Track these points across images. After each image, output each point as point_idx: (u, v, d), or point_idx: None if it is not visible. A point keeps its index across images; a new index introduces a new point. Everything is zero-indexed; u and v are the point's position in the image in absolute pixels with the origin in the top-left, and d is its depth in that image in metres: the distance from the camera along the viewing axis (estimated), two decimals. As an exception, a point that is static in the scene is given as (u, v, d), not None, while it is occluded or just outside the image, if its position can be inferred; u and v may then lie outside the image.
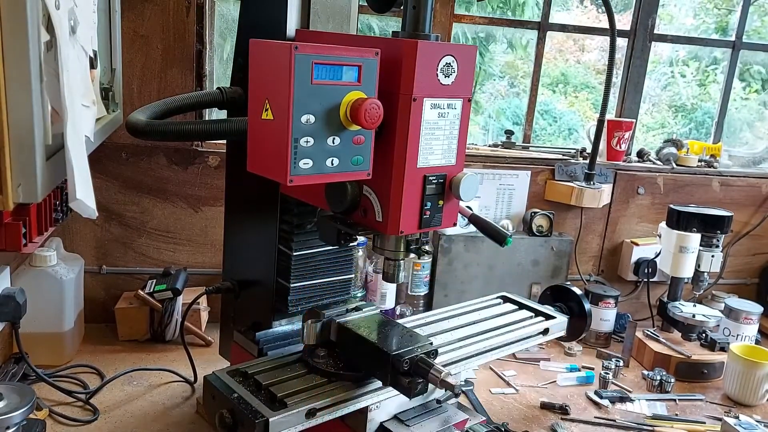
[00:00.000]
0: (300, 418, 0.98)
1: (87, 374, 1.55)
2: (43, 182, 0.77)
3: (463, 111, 1.01)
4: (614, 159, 2.17)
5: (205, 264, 1.88)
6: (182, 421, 1.41)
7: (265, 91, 0.90)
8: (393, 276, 1.10)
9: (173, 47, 1.73)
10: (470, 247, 1.93)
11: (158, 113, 1.11)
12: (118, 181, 1.78)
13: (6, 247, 0.81)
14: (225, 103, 1.20)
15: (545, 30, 2.12)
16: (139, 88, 1.73)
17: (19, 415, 1.04)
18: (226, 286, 1.37)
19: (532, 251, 1.99)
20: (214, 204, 1.83)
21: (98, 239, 1.81)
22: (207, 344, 1.75)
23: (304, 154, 0.88)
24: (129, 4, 1.65)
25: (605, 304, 1.93)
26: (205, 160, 1.81)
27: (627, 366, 1.85)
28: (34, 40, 0.72)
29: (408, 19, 1.01)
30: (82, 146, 0.85)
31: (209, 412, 1.06)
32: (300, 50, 0.84)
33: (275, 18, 1.14)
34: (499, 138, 2.27)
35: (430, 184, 0.99)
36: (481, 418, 1.25)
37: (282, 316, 1.28)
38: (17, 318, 1.29)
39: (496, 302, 1.50)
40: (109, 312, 1.75)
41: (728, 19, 4.45)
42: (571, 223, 2.10)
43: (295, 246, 1.21)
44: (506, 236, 1.22)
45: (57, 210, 0.93)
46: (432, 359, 1.04)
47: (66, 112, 0.79)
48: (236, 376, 1.06)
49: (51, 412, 1.36)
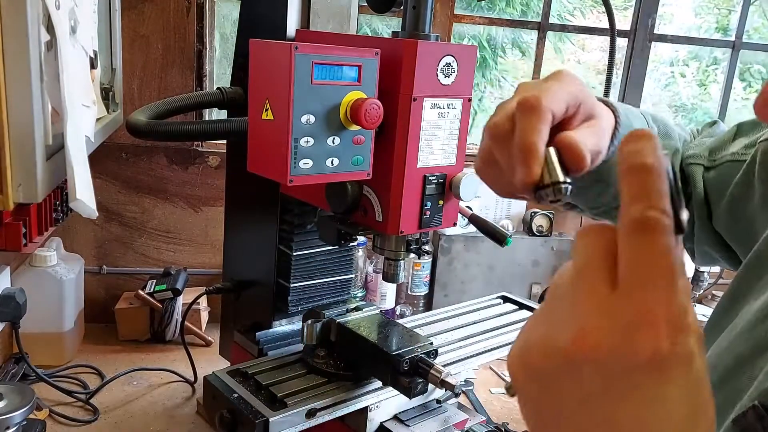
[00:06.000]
0: (300, 418, 0.98)
1: (87, 374, 1.55)
2: (43, 182, 0.77)
3: (463, 111, 1.01)
4: (614, 159, 2.17)
5: (205, 264, 1.88)
6: (182, 421, 1.41)
7: (265, 91, 0.90)
8: (393, 276, 1.09)
9: (173, 47, 1.73)
10: (470, 247, 1.93)
11: (158, 113, 1.11)
12: (118, 181, 1.78)
13: (6, 247, 0.81)
14: (225, 103, 1.20)
15: (545, 30, 2.12)
16: (139, 88, 1.73)
17: (19, 415, 1.04)
18: (227, 286, 1.37)
19: (532, 251, 1.99)
20: (214, 204, 1.83)
21: (98, 239, 1.81)
22: (207, 344, 1.75)
23: (304, 154, 0.88)
24: (129, 4, 1.65)
25: (605, 304, 1.93)
26: (205, 160, 1.81)
27: (627, 366, 1.85)
28: (34, 40, 0.72)
29: (408, 19, 1.01)
30: (82, 146, 0.85)
31: (209, 412, 1.07)
32: (300, 50, 0.84)
33: (275, 18, 1.14)
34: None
35: (430, 184, 0.99)
36: (481, 418, 1.25)
37: (282, 316, 1.28)
38: (17, 318, 1.29)
39: (496, 302, 1.50)
40: (109, 312, 1.75)
41: (728, 19, 4.45)
42: (571, 223, 2.10)
43: (295, 246, 1.21)
44: (506, 236, 1.22)
45: (57, 210, 0.93)
46: (432, 359, 1.04)
47: (66, 112, 0.79)
48: (236, 376, 1.06)
49: (51, 412, 1.36)
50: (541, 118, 0.47)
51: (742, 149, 0.67)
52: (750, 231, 0.63)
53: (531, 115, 0.47)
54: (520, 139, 0.47)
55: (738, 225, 0.66)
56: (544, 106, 0.47)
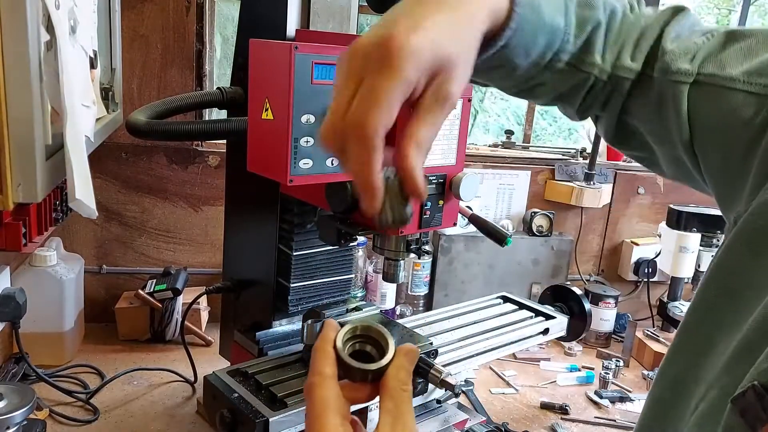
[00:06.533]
0: (300, 418, 0.98)
1: (87, 374, 1.55)
2: (43, 182, 0.77)
3: (463, 111, 1.01)
4: (614, 159, 2.17)
5: (205, 264, 1.88)
6: (182, 421, 1.41)
7: (265, 91, 0.90)
8: (393, 276, 1.09)
9: (173, 47, 1.73)
10: (470, 247, 1.93)
11: (158, 113, 1.11)
12: (118, 181, 1.78)
13: (6, 247, 0.81)
14: (225, 103, 1.20)
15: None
16: (139, 88, 1.73)
17: (20, 415, 1.04)
18: (227, 286, 1.37)
19: (532, 251, 1.99)
20: (214, 204, 1.83)
21: (98, 239, 1.81)
22: (207, 344, 1.75)
23: (304, 154, 0.88)
24: (129, 4, 1.65)
25: (605, 304, 1.93)
26: (205, 160, 1.81)
27: (627, 366, 1.85)
28: (34, 40, 0.72)
29: (408, 19, 1.00)
30: (82, 146, 0.85)
31: (209, 412, 1.07)
32: (300, 50, 0.84)
33: (275, 18, 1.14)
34: (500, 138, 2.28)
35: (430, 184, 0.99)
36: (481, 418, 1.25)
37: (282, 316, 1.28)
38: (17, 318, 1.29)
39: (496, 302, 1.50)
40: (109, 312, 1.75)
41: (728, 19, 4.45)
42: (571, 222, 2.10)
43: (295, 246, 1.21)
44: (506, 236, 1.22)
45: (57, 210, 0.93)
46: (432, 359, 1.04)
47: (66, 112, 0.79)
48: (236, 376, 1.06)
49: (51, 412, 1.36)
50: (372, 150, 0.46)
51: (743, 75, 0.54)
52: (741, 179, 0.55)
53: (360, 147, 0.46)
54: (355, 174, 0.47)
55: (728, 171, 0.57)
56: (372, 135, 0.45)
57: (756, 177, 0.53)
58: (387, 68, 0.45)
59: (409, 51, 0.44)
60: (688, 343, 0.57)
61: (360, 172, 0.47)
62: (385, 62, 0.45)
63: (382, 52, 0.45)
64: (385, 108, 0.45)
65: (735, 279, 0.53)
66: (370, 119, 0.45)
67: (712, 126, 0.56)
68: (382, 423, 0.50)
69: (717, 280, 0.56)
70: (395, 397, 0.51)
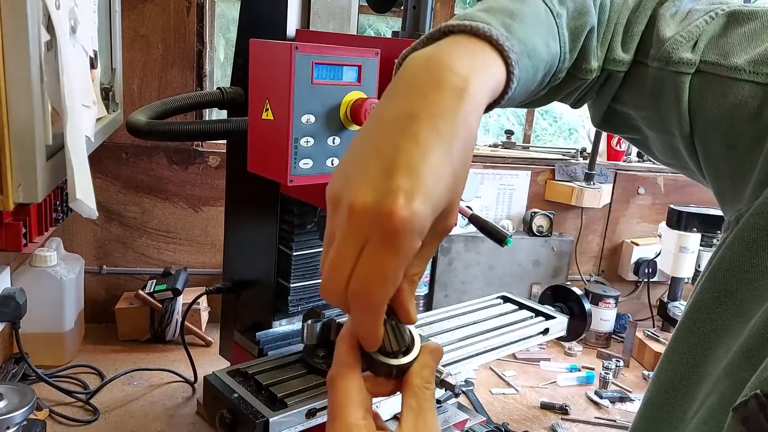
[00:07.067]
0: (300, 418, 0.98)
1: (87, 374, 1.55)
2: (43, 182, 0.77)
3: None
4: (614, 159, 2.18)
5: (205, 264, 1.88)
6: (182, 421, 1.41)
7: (265, 91, 0.90)
8: (393, 276, 1.09)
9: (173, 47, 1.73)
10: (470, 247, 1.93)
11: (159, 113, 1.11)
12: (118, 181, 1.78)
13: (6, 247, 0.81)
14: (225, 103, 1.20)
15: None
16: (139, 88, 1.73)
17: (20, 416, 1.04)
18: (227, 286, 1.37)
19: (533, 251, 1.99)
20: (214, 204, 1.83)
21: (98, 239, 1.81)
22: (207, 344, 1.75)
23: (304, 154, 0.88)
24: (129, 4, 1.65)
25: (605, 304, 1.93)
26: (205, 160, 1.81)
27: (627, 366, 1.85)
28: (34, 40, 0.72)
29: (408, 19, 1.01)
30: (82, 146, 0.85)
31: (209, 412, 1.06)
32: (300, 50, 0.84)
33: (275, 18, 1.14)
34: (500, 138, 2.28)
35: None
36: (481, 418, 1.25)
37: (282, 316, 1.28)
38: (17, 318, 1.29)
39: (496, 302, 1.50)
40: (109, 312, 1.75)
41: None
42: (571, 223, 2.10)
43: (295, 246, 1.21)
44: (506, 236, 1.22)
45: (57, 210, 0.93)
46: (432, 359, 1.04)
47: (66, 112, 0.79)
48: (236, 376, 1.06)
49: (51, 412, 1.36)
50: (378, 315, 0.46)
51: (748, 65, 0.52)
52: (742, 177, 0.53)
53: (367, 314, 0.46)
54: (358, 329, 0.48)
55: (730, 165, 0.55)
56: (379, 305, 0.45)
57: (760, 174, 0.51)
58: (392, 246, 0.42)
59: (412, 228, 0.42)
60: (684, 345, 0.57)
61: (364, 330, 0.47)
62: (389, 238, 0.42)
63: (385, 227, 0.41)
64: (391, 283, 0.44)
65: (734, 279, 0.52)
66: (376, 294, 0.44)
67: (715, 119, 0.54)
68: (404, 420, 0.49)
69: (715, 281, 0.54)
70: (418, 394, 0.50)
